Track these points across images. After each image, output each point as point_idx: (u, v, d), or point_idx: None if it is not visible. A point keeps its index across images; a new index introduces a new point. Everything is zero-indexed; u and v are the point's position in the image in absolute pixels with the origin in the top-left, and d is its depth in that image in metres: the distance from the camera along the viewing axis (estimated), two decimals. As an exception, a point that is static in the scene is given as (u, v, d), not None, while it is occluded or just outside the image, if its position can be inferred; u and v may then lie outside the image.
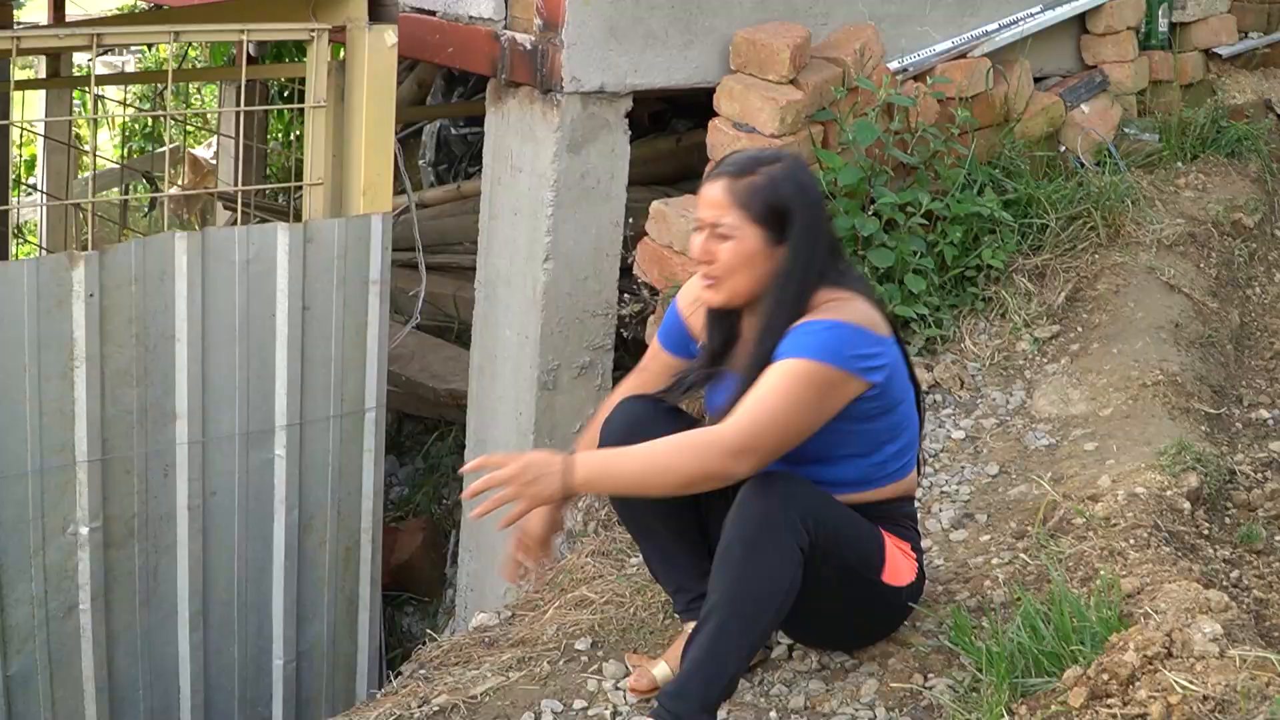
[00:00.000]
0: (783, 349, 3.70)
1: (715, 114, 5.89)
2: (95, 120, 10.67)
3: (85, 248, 5.25)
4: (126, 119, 12.78)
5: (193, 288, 5.35)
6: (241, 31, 5.52)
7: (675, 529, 4.05)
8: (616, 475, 3.70)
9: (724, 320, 3.98)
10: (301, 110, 5.78)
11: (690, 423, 4.04)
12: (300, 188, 5.91)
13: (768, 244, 3.77)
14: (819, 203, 3.88)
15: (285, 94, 10.79)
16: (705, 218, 3.80)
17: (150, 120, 12.50)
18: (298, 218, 5.88)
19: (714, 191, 3.79)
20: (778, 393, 3.64)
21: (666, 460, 3.64)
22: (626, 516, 4.20)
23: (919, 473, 4.20)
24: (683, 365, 4.11)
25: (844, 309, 3.75)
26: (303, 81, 5.95)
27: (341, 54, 5.72)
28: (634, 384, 4.23)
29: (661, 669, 4.01)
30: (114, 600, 5.45)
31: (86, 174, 10.30)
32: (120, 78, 12.32)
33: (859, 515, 3.88)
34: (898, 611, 4.06)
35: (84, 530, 5.28)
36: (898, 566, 3.94)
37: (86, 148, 9.88)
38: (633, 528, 4.20)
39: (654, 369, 4.22)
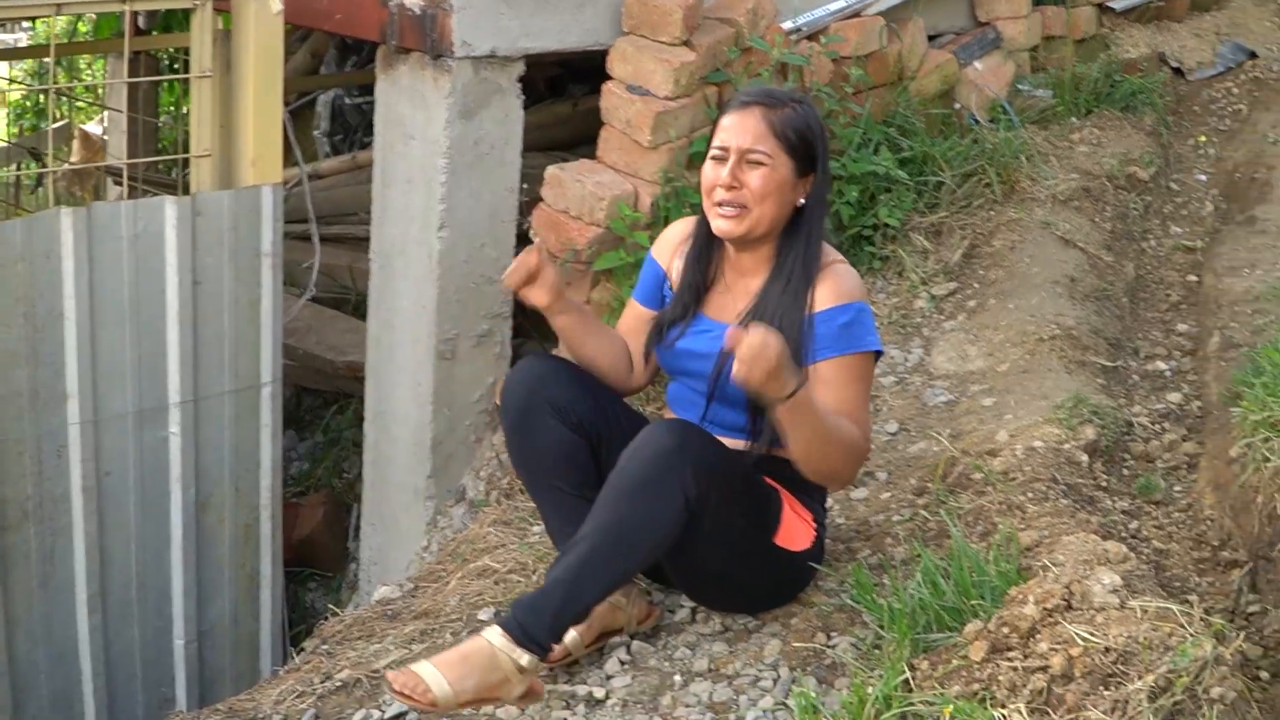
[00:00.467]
0: (832, 342, 3.85)
1: (610, 77, 5.85)
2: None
3: (-27, 227, 5.18)
4: (12, 95, 12.60)
5: (80, 265, 5.26)
6: (124, 2, 5.43)
7: (575, 486, 4.04)
8: (809, 422, 3.67)
9: (702, 263, 4.07)
10: (188, 78, 5.69)
11: (591, 383, 4.11)
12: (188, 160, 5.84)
13: (795, 176, 3.89)
14: (827, 143, 3.99)
15: (175, 66, 10.65)
16: (737, 144, 3.86)
17: (40, 96, 12.33)
18: (187, 191, 5.81)
19: (748, 119, 3.87)
20: (868, 394, 3.95)
21: (839, 447, 3.77)
22: (528, 477, 4.18)
23: None
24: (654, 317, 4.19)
25: (848, 277, 3.96)
26: (190, 51, 5.87)
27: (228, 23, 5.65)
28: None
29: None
30: (11, 584, 5.38)
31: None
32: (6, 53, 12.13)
33: (762, 476, 3.93)
34: (792, 576, 4.08)
35: (-23, 514, 5.22)
36: (793, 531, 3.97)
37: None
38: (534, 488, 4.18)
39: (628, 324, 4.25)
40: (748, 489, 3.89)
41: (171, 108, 11.59)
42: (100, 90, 12.06)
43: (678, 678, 3.93)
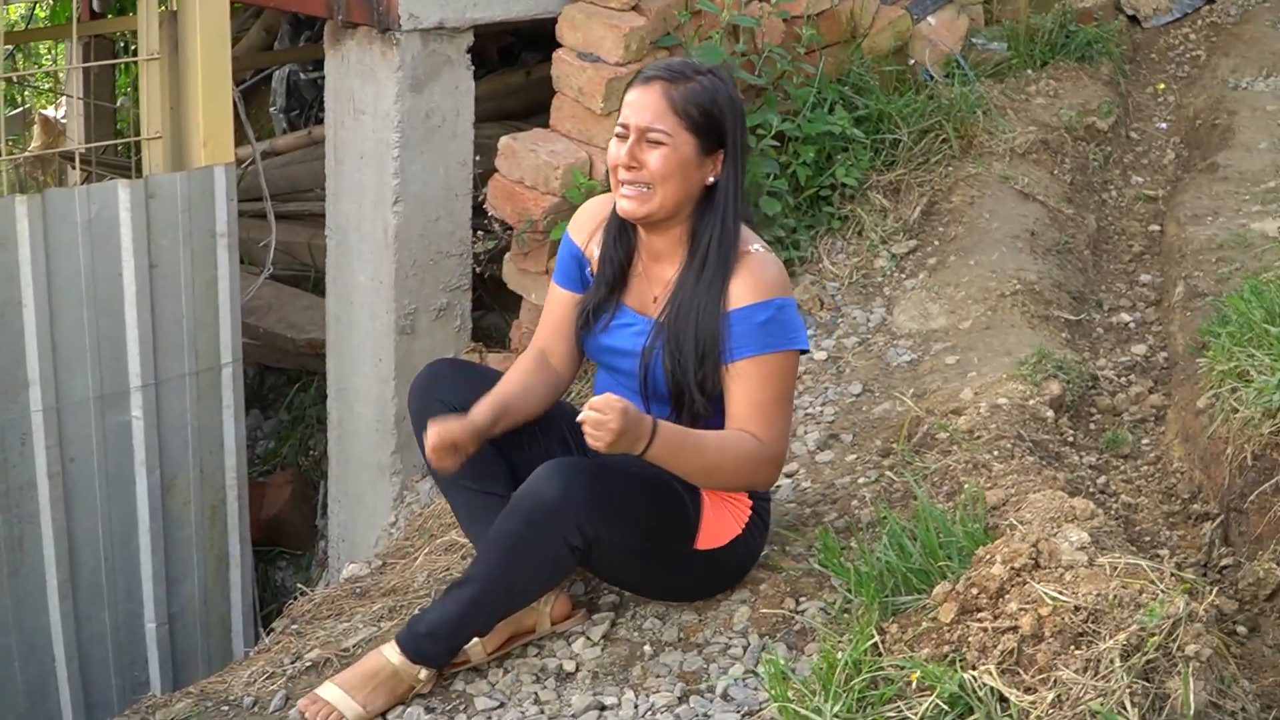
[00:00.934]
0: (747, 342, 3.73)
1: (559, 44, 5.80)
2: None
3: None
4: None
5: (36, 251, 5.23)
6: (71, -14, 5.39)
7: (479, 481, 4.03)
8: (682, 463, 3.68)
9: (622, 243, 3.96)
10: (136, 61, 5.65)
11: (484, 377, 4.09)
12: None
13: (699, 154, 3.74)
14: (743, 120, 3.84)
15: (130, 48, 10.58)
16: (636, 122, 3.73)
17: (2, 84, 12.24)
18: (137, 168, 5.78)
19: (648, 95, 3.73)
20: (787, 395, 3.81)
21: (731, 468, 3.72)
22: (435, 478, 4.21)
23: None
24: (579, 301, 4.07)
25: (769, 268, 3.80)
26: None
27: (173, 3, 5.59)
28: (540, 337, 4.13)
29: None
30: (-21, 573, 5.36)
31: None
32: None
33: (668, 487, 3.86)
34: (729, 566, 4.04)
35: (-58, 504, 5.19)
36: (717, 527, 3.94)
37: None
38: (442, 487, 4.20)
39: (556, 314, 4.11)
40: (652, 512, 3.85)
41: (128, 90, 11.53)
42: (59, 75, 11.98)
43: (648, 648, 3.92)
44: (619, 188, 3.78)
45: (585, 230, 4.05)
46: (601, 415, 3.46)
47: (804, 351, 3.85)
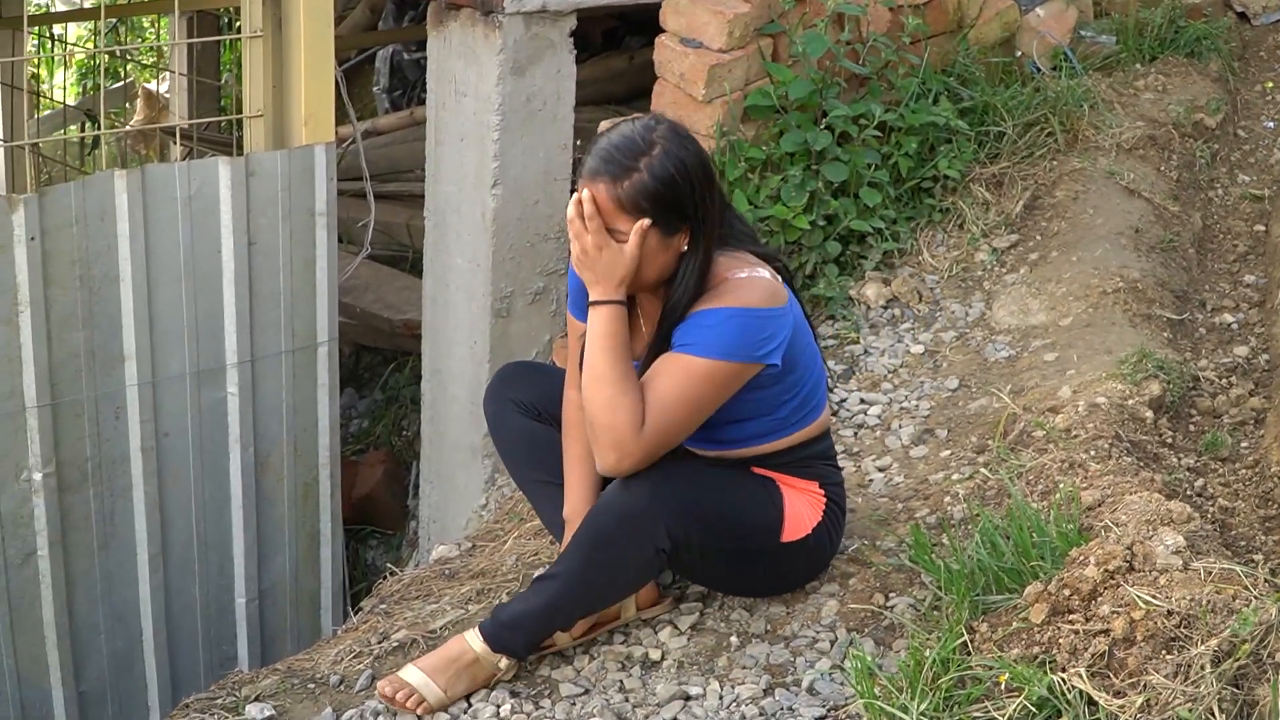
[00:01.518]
0: (684, 338, 3.64)
1: (662, 29, 5.79)
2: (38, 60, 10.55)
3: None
4: (78, 56, 12.63)
5: (135, 227, 5.28)
6: (175, -37, 5.43)
7: (557, 475, 4.04)
8: (598, 352, 3.63)
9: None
10: (239, 38, 5.69)
11: (555, 378, 4.16)
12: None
13: (663, 236, 3.61)
14: (706, 170, 3.67)
15: (235, 25, 10.65)
16: (594, 213, 3.59)
17: (105, 57, 12.36)
18: (238, 145, 5.82)
19: (598, 194, 3.58)
20: (679, 398, 3.63)
21: (607, 409, 3.60)
22: (515, 476, 4.28)
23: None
24: None
25: (744, 288, 3.67)
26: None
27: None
28: (570, 379, 4.03)
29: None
30: (71, 545, 5.42)
31: (44, 114, 10.20)
32: (54, 16, 12.14)
33: (750, 481, 3.85)
34: (813, 555, 4.00)
35: (37, 476, 5.25)
36: (799, 517, 3.90)
37: (42, 88, 9.75)
38: (522, 485, 4.27)
39: (577, 348, 4.00)
40: (739, 512, 3.81)
41: (232, 67, 11.61)
42: (164, 50, 12.09)
43: (734, 639, 3.91)
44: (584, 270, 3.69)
45: None
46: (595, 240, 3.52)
47: (770, 365, 3.68)
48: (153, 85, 12.26)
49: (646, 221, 3.51)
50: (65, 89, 12.97)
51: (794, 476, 3.91)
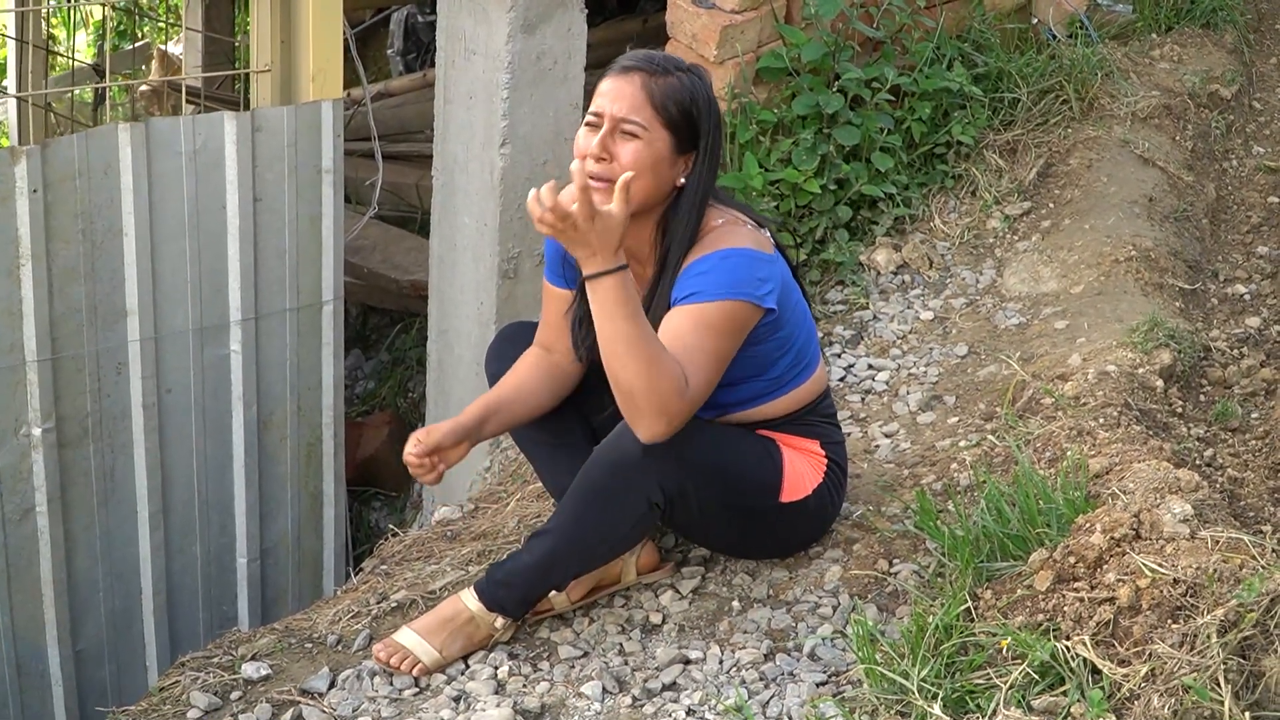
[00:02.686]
0: (685, 290, 3.59)
1: (679, -6, 5.75)
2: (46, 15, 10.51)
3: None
4: (91, 15, 12.59)
5: (139, 180, 5.24)
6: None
7: (558, 435, 4.01)
8: (614, 324, 3.42)
9: None
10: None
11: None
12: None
13: (672, 152, 3.61)
14: (722, 123, 3.74)
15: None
16: (611, 111, 3.56)
17: (124, 18, 12.32)
18: (244, 100, 5.79)
19: (626, 85, 3.58)
20: (704, 349, 3.56)
21: (643, 374, 3.43)
22: (514, 436, 4.20)
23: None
24: (573, 296, 3.93)
25: (730, 234, 3.66)
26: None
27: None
28: (541, 334, 4.03)
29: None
30: (71, 502, 5.39)
31: (59, 73, 10.16)
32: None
33: (748, 438, 3.81)
34: (814, 517, 3.97)
35: (37, 431, 5.22)
36: (799, 477, 3.86)
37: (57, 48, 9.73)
38: (522, 445, 4.21)
39: (551, 310, 4.00)
40: (737, 467, 3.76)
41: (248, 28, 11.57)
42: (179, 9, 12.05)
43: (736, 604, 3.90)
44: (584, 181, 3.48)
45: None
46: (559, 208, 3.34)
47: (769, 310, 3.64)
48: (168, 47, 12.23)
49: (630, 175, 3.41)
50: (76, 50, 12.92)
51: (794, 435, 3.86)
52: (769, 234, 3.80)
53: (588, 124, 3.62)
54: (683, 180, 3.66)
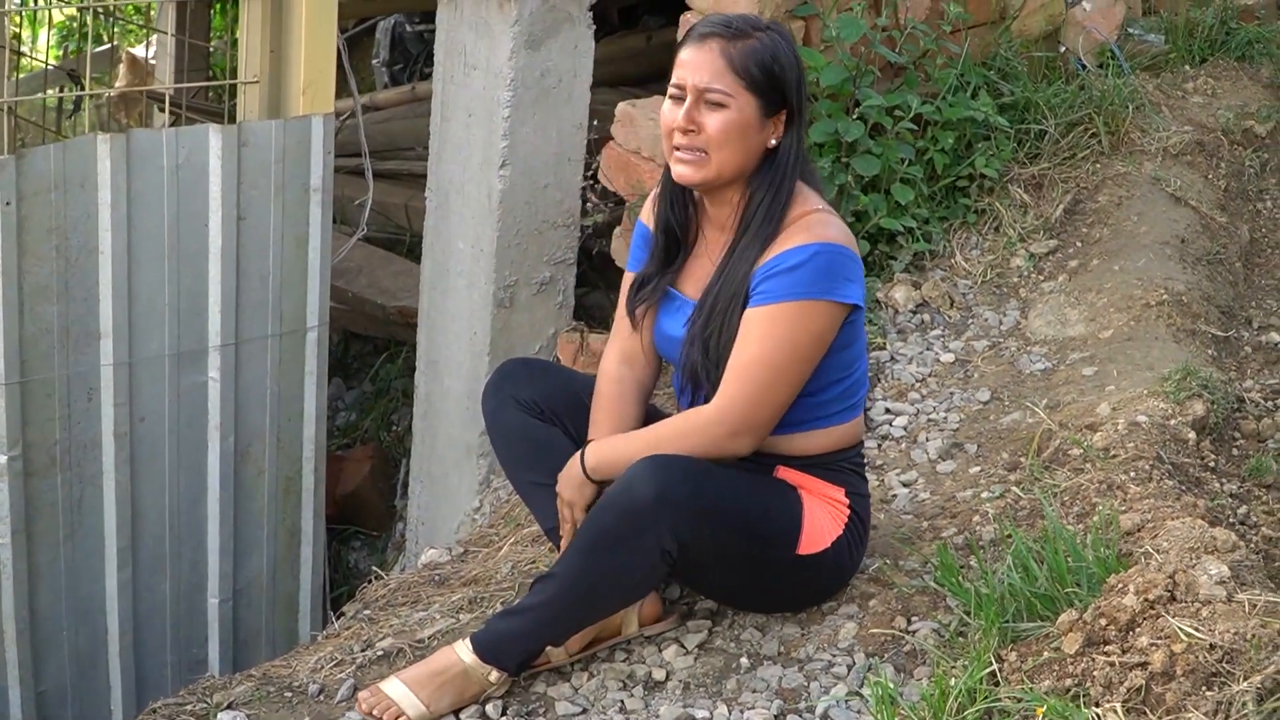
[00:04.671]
0: (764, 287, 3.64)
1: (688, 8, 5.77)
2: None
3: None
4: (58, 17, 12.62)
5: (117, 195, 5.25)
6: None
7: (554, 477, 4.01)
8: (624, 464, 3.68)
9: (679, 211, 3.89)
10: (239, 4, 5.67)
11: (558, 376, 4.21)
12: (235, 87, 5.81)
13: (761, 116, 3.67)
14: (804, 78, 3.78)
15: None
16: (693, 82, 3.65)
17: (88, 19, 12.34)
18: (230, 114, 5.79)
19: (705, 53, 3.65)
20: (772, 354, 3.64)
21: (672, 448, 3.66)
22: (512, 478, 4.25)
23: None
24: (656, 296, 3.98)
25: (823, 224, 3.70)
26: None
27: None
28: (620, 340, 4.08)
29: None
30: (36, 534, 5.40)
31: (24, 75, 10.17)
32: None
33: (768, 484, 3.84)
34: (832, 571, 3.98)
35: (2, 459, 5.23)
36: (819, 528, 3.87)
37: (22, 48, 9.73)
38: (519, 488, 4.24)
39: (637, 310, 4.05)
40: (754, 515, 3.79)
41: (224, 33, 11.59)
42: (151, 11, 12.07)
43: (745, 660, 3.90)
44: (673, 153, 3.72)
45: (652, 202, 4.01)
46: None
47: (856, 306, 3.73)
48: (138, 51, 12.25)
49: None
50: (46, 51, 12.95)
51: (819, 479, 3.88)
52: None
53: (671, 96, 3.70)
54: (774, 142, 3.72)
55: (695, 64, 3.65)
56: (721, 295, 3.72)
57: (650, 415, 4.12)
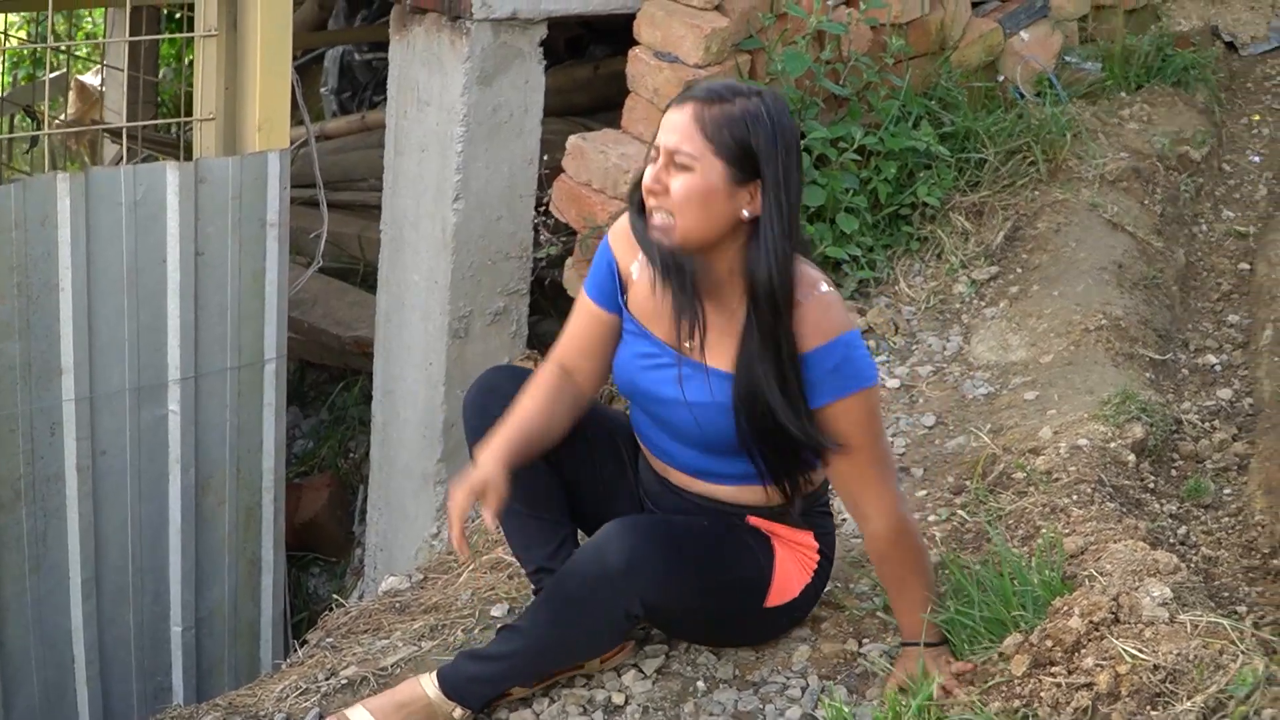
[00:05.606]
0: (827, 390, 3.64)
1: (636, 41, 5.82)
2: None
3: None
4: (8, 45, 12.58)
5: (77, 233, 5.26)
6: (127, -45, 5.43)
7: (530, 505, 3.98)
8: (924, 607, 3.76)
9: (682, 284, 3.69)
10: (192, 37, 5.68)
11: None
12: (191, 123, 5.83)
13: (730, 183, 3.54)
14: (796, 150, 3.65)
15: (175, 17, 10.63)
16: (664, 143, 3.57)
17: (44, 49, 12.32)
18: (188, 152, 5.80)
19: (679, 116, 3.57)
20: (878, 430, 3.74)
21: (915, 574, 3.81)
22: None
23: None
24: (614, 321, 3.92)
25: (831, 307, 3.68)
26: (193, 7, 5.85)
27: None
28: (564, 351, 4.01)
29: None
30: (2, 567, 5.40)
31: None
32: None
33: (741, 536, 3.83)
34: (796, 613, 4.02)
35: (-34, 493, 5.23)
36: (788, 578, 3.90)
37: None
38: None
39: (585, 328, 3.97)
40: (724, 575, 3.81)
41: (172, 60, 11.58)
42: (99, 37, 12.05)
43: (701, 684, 3.93)
44: (650, 212, 3.65)
45: (627, 244, 3.87)
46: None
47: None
48: (87, 78, 12.22)
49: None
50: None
51: (790, 527, 3.90)
52: None
53: (649, 158, 3.64)
54: (747, 214, 3.60)
55: (670, 126, 3.59)
56: (769, 380, 3.63)
57: (604, 416, 4.18)
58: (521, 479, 3.86)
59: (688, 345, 3.75)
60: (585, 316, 3.96)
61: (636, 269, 3.83)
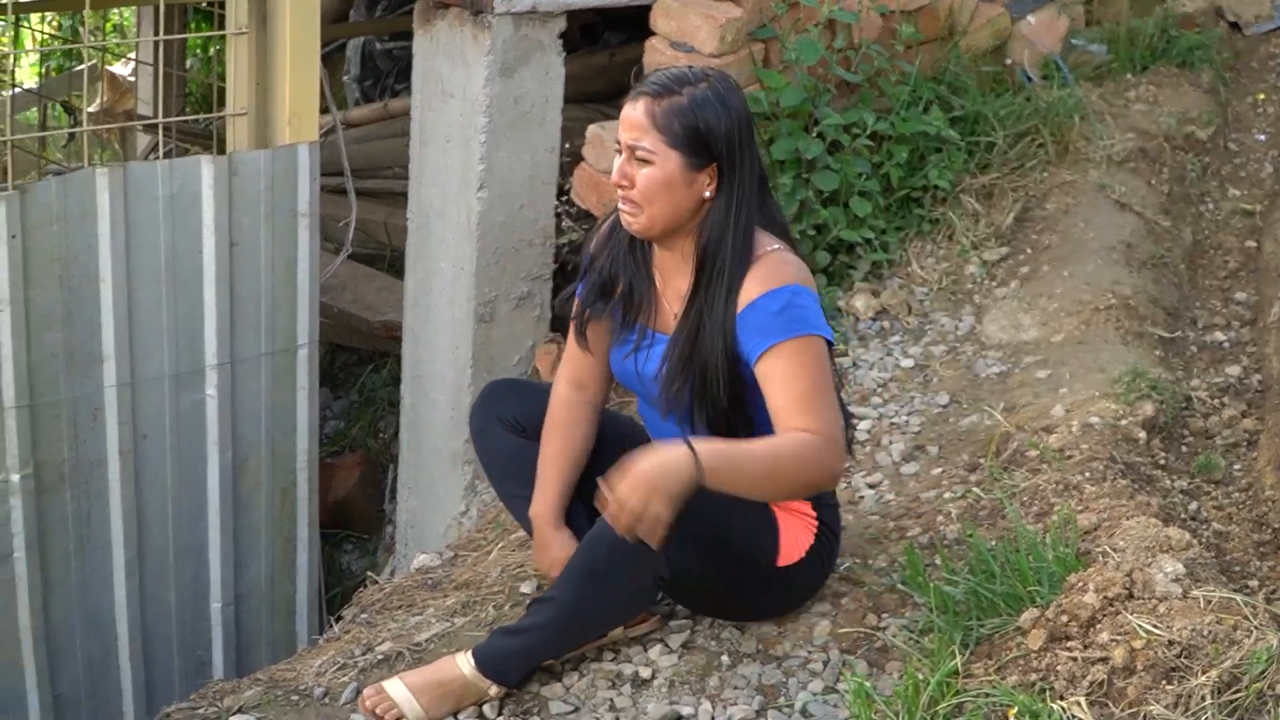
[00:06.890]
0: (764, 330, 3.66)
1: (651, 31, 5.83)
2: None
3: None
4: (43, 41, 12.59)
5: (116, 226, 5.27)
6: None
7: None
8: (739, 475, 3.57)
9: (636, 259, 3.94)
10: (220, 26, 5.69)
11: (541, 394, 4.21)
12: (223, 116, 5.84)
13: (687, 169, 3.69)
14: (747, 127, 3.77)
15: (203, 8, 10.62)
16: (624, 139, 3.72)
17: (69, 39, 12.32)
18: (219, 142, 5.81)
19: (633, 112, 3.71)
20: (825, 382, 3.68)
21: (790, 466, 3.58)
22: (500, 493, 4.41)
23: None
24: (608, 325, 4.05)
25: (782, 265, 3.74)
26: (223, 3, 5.86)
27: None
28: (571, 365, 4.17)
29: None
30: (47, 548, 5.41)
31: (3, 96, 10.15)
32: (36, 5, 12.11)
33: (744, 504, 3.78)
34: (807, 578, 4.05)
35: (14, 478, 5.24)
36: (794, 540, 3.94)
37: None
38: (506, 501, 4.41)
39: (580, 336, 4.13)
40: (740, 535, 3.84)
41: (198, 52, 11.58)
42: (128, 28, 12.05)
43: (725, 658, 3.95)
44: (620, 204, 3.80)
45: (604, 244, 4.04)
46: (620, 498, 3.47)
47: (830, 343, 3.75)
48: (117, 68, 12.22)
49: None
50: (16, 70, 12.91)
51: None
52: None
53: (615, 152, 3.78)
54: (708, 194, 3.73)
55: (627, 122, 3.72)
56: (702, 339, 3.74)
57: (614, 422, 4.27)
58: (531, 469, 4.13)
59: (649, 320, 3.93)
60: (581, 327, 4.12)
61: (606, 257, 4.01)
